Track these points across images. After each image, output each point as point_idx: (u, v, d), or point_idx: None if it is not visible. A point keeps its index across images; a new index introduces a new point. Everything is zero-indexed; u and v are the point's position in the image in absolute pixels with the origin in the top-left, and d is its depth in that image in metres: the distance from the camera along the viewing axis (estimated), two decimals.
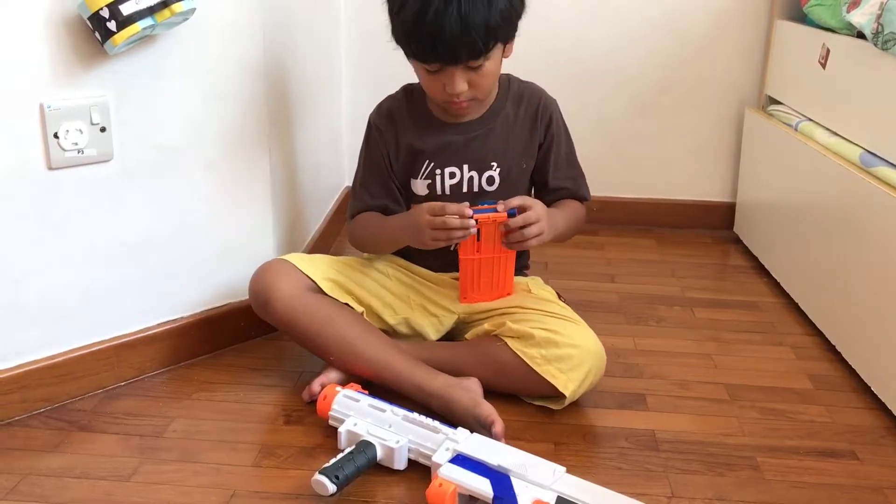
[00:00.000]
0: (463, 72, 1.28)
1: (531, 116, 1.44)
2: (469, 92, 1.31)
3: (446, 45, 1.23)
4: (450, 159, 1.41)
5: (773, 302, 1.81)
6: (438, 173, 1.41)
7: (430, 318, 1.43)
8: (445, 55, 1.25)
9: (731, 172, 2.25)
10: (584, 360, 1.29)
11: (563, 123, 1.48)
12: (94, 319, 1.35)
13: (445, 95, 1.31)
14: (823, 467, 1.21)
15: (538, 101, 1.44)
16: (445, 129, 1.41)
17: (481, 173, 1.41)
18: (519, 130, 1.43)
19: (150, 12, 1.18)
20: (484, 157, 1.41)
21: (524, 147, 1.44)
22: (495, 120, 1.42)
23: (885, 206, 1.39)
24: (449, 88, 1.29)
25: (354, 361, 1.32)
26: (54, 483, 1.14)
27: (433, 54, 1.26)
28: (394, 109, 1.44)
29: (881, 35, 1.45)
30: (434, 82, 1.31)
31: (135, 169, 1.34)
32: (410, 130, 1.42)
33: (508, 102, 1.43)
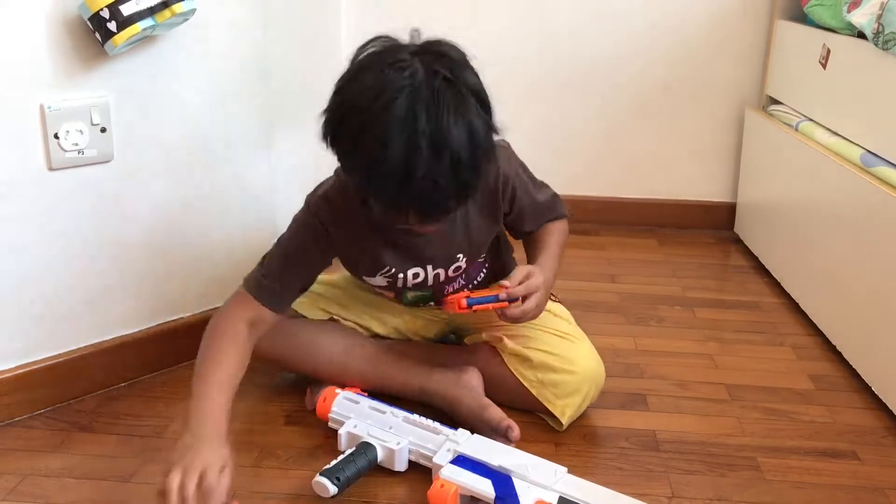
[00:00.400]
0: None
1: (491, 198, 1.25)
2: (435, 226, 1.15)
3: (438, 205, 1.04)
4: (413, 262, 1.26)
5: (773, 302, 1.81)
6: (401, 275, 1.27)
7: (420, 320, 1.40)
8: (436, 214, 1.07)
9: (731, 173, 2.25)
10: (581, 386, 1.27)
11: (523, 177, 1.29)
12: (94, 320, 1.35)
13: (401, 227, 1.13)
14: (824, 467, 1.21)
15: (496, 178, 1.23)
16: (401, 235, 1.21)
17: (447, 267, 1.28)
18: (480, 212, 1.25)
19: (150, 13, 1.19)
20: (449, 254, 1.27)
21: (489, 227, 1.29)
22: (455, 215, 1.19)
23: (885, 207, 1.38)
24: (417, 230, 1.14)
25: (349, 380, 1.30)
26: (55, 483, 1.14)
27: (422, 215, 1.06)
28: (343, 207, 1.19)
29: (882, 35, 1.44)
30: (387, 218, 1.11)
31: (135, 169, 1.34)
32: (363, 232, 1.21)
33: None
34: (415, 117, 0.98)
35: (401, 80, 1.00)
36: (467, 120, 1.00)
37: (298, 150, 1.74)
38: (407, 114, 0.98)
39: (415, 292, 1.31)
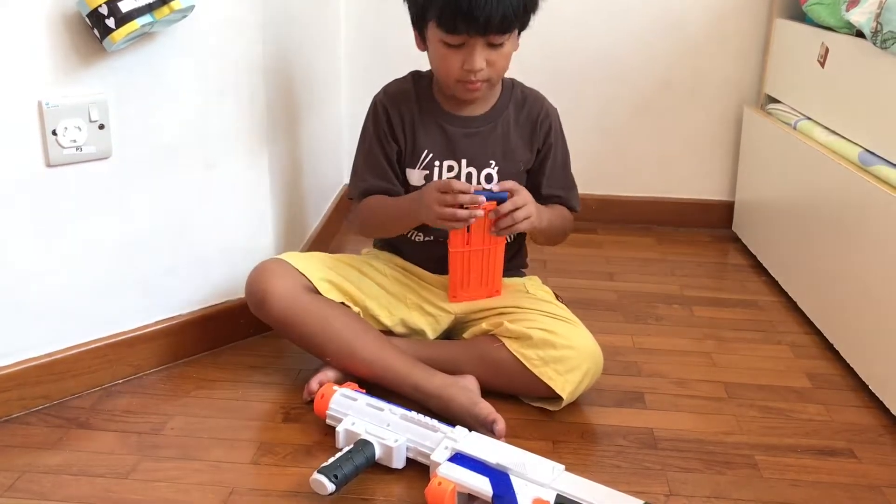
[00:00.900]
0: (484, 48, 1.28)
1: (532, 121, 1.44)
2: (485, 71, 1.30)
3: (483, 11, 1.22)
4: (449, 152, 1.40)
5: (771, 300, 1.81)
6: (437, 165, 1.40)
7: (426, 317, 1.43)
8: (478, 24, 1.24)
9: (729, 171, 2.25)
10: (582, 362, 1.29)
11: (561, 134, 1.48)
12: (92, 317, 1.35)
13: (461, 73, 1.30)
14: (821, 466, 1.22)
15: (540, 108, 1.45)
16: (448, 120, 1.41)
17: (480, 170, 1.41)
18: (519, 133, 1.43)
19: (148, 9, 1.18)
20: (483, 154, 1.41)
21: (523, 150, 1.43)
22: (497, 119, 1.42)
23: (883, 205, 1.39)
24: (468, 65, 1.29)
25: (351, 361, 1.32)
26: (53, 480, 1.14)
27: (465, 21, 1.24)
28: (400, 93, 1.43)
29: (880, 34, 1.45)
30: (452, 58, 1.30)
31: (134, 166, 1.34)
32: (414, 117, 1.41)
33: (511, 104, 1.43)
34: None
35: None
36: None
37: (298, 147, 1.74)
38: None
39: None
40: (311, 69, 1.87)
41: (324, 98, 2.01)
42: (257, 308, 1.34)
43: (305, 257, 1.40)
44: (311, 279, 1.34)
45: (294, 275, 1.34)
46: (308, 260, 1.39)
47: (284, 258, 1.37)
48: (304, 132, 1.80)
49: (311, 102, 1.86)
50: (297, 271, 1.35)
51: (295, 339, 1.35)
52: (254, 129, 1.47)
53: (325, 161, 2.05)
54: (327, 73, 2.07)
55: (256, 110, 1.47)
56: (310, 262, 1.38)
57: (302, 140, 1.77)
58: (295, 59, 1.70)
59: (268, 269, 1.35)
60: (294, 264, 1.35)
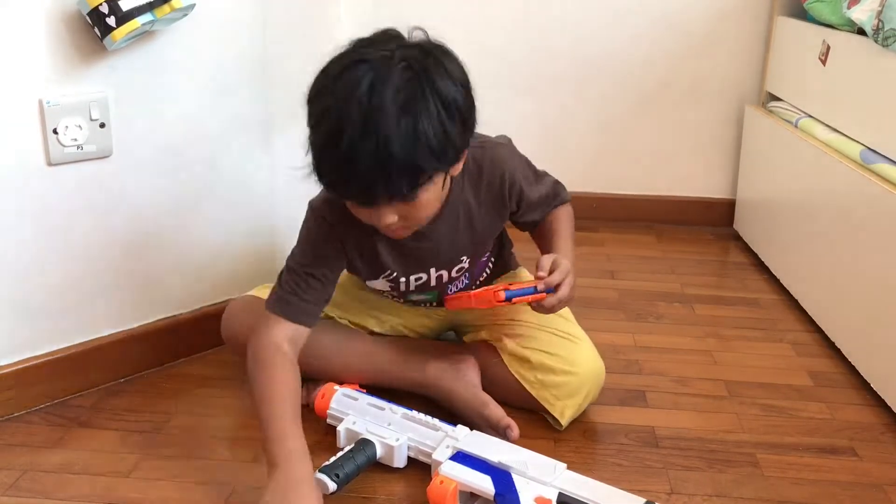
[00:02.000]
0: (389, 207, 1.04)
1: (495, 194, 1.22)
2: (401, 222, 1.07)
3: (359, 184, 0.99)
4: (416, 267, 1.24)
5: (772, 298, 1.81)
6: (403, 280, 1.26)
7: (420, 318, 1.40)
8: (360, 194, 1.02)
9: (731, 169, 2.25)
10: (581, 387, 1.26)
11: (527, 172, 1.27)
12: (93, 315, 1.35)
13: (374, 223, 1.08)
14: (823, 464, 1.22)
15: (501, 178, 1.21)
16: (405, 239, 1.17)
17: (451, 269, 1.27)
18: (485, 211, 1.23)
19: (149, 8, 1.18)
20: (452, 256, 1.25)
21: (492, 223, 1.26)
22: (457, 213, 1.20)
23: (885, 203, 1.38)
24: (375, 221, 1.07)
25: (344, 376, 1.29)
26: (54, 479, 1.14)
27: (345, 191, 1.04)
28: (342, 206, 1.13)
29: (882, 31, 1.44)
30: (362, 213, 1.08)
31: (134, 165, 1.34)
32: (368, 236, 1.18)
33: (466, 188, 1.20)
34: (357, 85, 0.97)
35: (371, 55, 1.00)
36: (414, 113, 0.97)
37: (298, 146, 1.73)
38: (352, 81, 0.97)
39: (418, 295, 1.31)
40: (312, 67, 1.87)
41: None
42: (235, 350, 1.29)
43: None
44: None
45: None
46: None
47: (254, 293, 1.31)
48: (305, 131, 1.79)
49: None
50: None
51: None
52: (254, 127, 1.47)
53: None
54: None
55: (257, 109, 1.47)
56: None
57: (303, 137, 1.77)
58: (295, 58, 1.70)
59: (236, 311, 1.30)
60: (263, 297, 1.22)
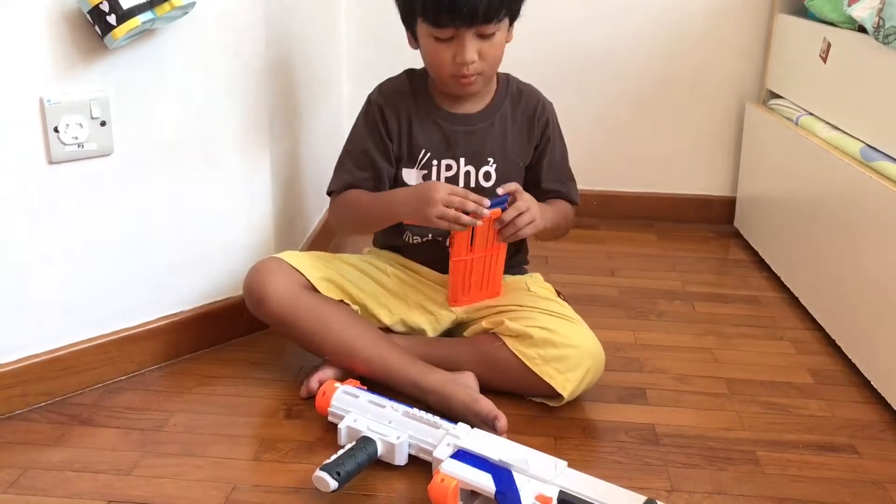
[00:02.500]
0: (474, 39, 1.27)
1: (528, 116, 1.43)
2: (478, 64, 1.29)
3: (467, 2, 1.22)
4: (447, 151, 1.39)
5: (773, 296, 1.81)
6: (435, 164, 1.39)
7: (427, 315, 1.42)
8: (462, 15, 1.23)
9: (731, 167, 2.25)
10: (583, 361, 1.29)
11: (558, 128, 1.47)
12: (94, 313, 1.35)
13: (454, 67, 1.30)
14: (823, 461, 1.22)
15: (536, 103, 1.44)
16: (445, 118, 1.40)
17: (478, 168, 1.40)
18: (517, 129, 1.42)
19: (150, 6, 1.18)
20: (481, 151, 1.40)
21: (521, 145, 1.43)
22: (494, 116, 1.41)
23: (885, 201, 1.38)
24: (459, 57, 1.28)
25: (350, 359, 1.32)
26: (55, 477, 1.14)
27: (450, 13, 1.24)
28: (396, 91, 1.42)
29: (882, 29, 1.44)
30: (443, 52, 1.29)
31: (135, 163, 1.34)
32: (410, 115, 1.40)
33: (507, 100, 1.42)
34: None
35: None
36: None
37: (299, 145, 1.74)
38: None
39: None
40: (313, 66, 1.87)
41: (325, 95, 2.01)
42: (255, 307, 1.34)
43: (304, 256, 1.39)
44: (309, 278, 1.34)
45: (292, 273, 1.33)
46: (306, 259, 1.38)
47: (282, 257, 1.36)
48: (306, 129, 1.79)
49: (313, 100, 1.86)
50: (296, 270, 1.34)
51: (293, 337, 1.35)
52: (255, 126, 1.47)
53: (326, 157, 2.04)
54: (328, 70, 2.07)
55: (258, 107, 1.47)
56: (308, 261, 1.37)
57: (303, 137, 1.77)
58: (296, 56, 1.70)
59: (265, 268, 1.34)
60: (292, 263, 1.34)
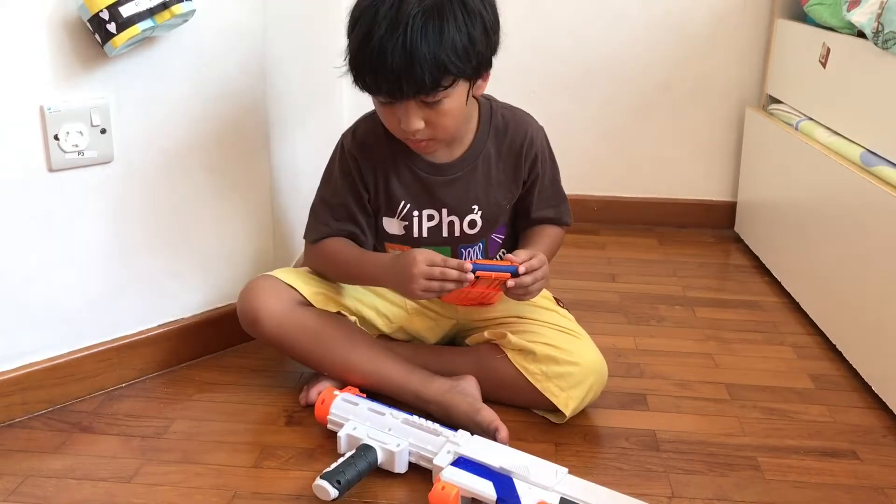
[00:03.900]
0: (418, 107, 1.16)
1: (515, 154, 1.33)
2: (426, 131, 1.19)
3: (388, 76, 1.12)
4: (428, 202, 1.31)
5: (774, 301, 1.81)
6: (416, 215, 1.32)
7: (427, 322, 1.41)
8: (389, 87, 1.14)
9: (731, 172, 2.25)
10: (585, 378, 1.27)
11: (549, 153, 1.38)
12: (95, 321, 1.35)
13: (401, 132, 1.21)
14: (824, 467, 1.22)
15: (523, 137, 1.33)
16: (424, 168, 1.30)
17: (462, 218, 1.32)
18: (502, 168, 1.33)
19: (149, 14, 1.18)
20: (465, 201, 1.31)
21: (507, 187, 1.34)
22: (477, 159, 1.31)
23: (885, 206, 1.38)
24: (403, 125, 1.18)
25: (348, 375, 1.30)
26: (55, 484, 1.14)
27: (375, 85, 1.15)
28: (370, 139, 1.31)
29: (881, 34, 1.44)
30: (389, 115, 1.21)
31: (135, 171, 1.34)
32: (387, 166, 1.30)
33: (490, 139, 1.32)
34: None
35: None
36: (440, 18, 1.11)
37: (298, 151, 1.74)
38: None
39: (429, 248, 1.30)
40: (312, 72, 1.87)
41: (325, 101, 2.01)
42: (249, 328, 1.31)
43: (296, 272, 1.35)
44: (303, 293, 1.31)
45: (285, 291, 1.30)
46: (300, 274, 1.35)
47: (274, 274, 1.34)
48: (306, 134, 1.80)
49: (312, 106, 1.86)
50: (289, 287, 1.31)
51: (290, 355, 1.33)
52: (254, 133, 1.48)
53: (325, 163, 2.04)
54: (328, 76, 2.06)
55: (257, 115, 1.47)
56: (301, 276, 1.34)
57: (303, 142, 1.77)
58: (296, 63, 1.70)
59: (256, 286, 1.31)
60: (285, 280, 1.32)
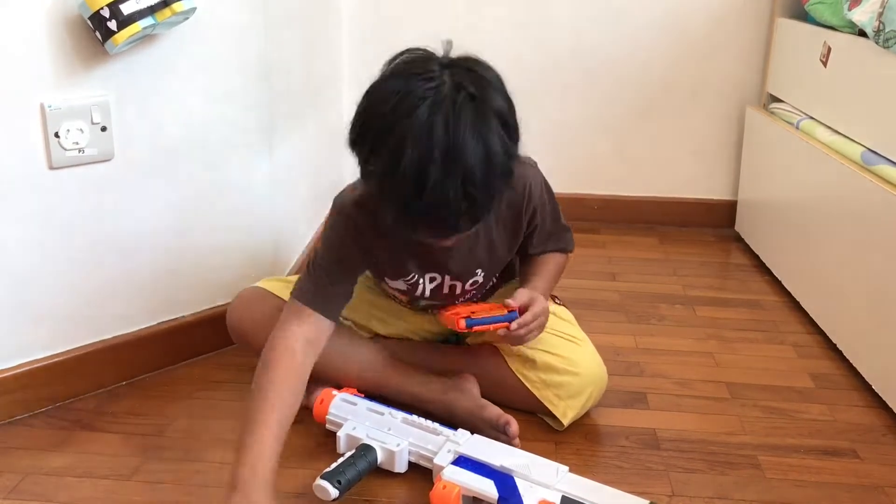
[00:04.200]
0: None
1: (515, 212, 1.26)
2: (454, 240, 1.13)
3: (449, 220, 1.01)
4: (431, 268, 1.26)
5: (774, 300, 1.81)
6: (420, 282, 1.27)
7: (425, 324, 1.39)
8: (447, 230, 1.05)
9: (732, 171, 2.25)
10: (584, 388, 1.27)
11: (547, 199, 1.31)
12: (95, 318, 1.35)
13: (429, 242, 1.14)
14: (824, 466, 1.22)
15: (522, 192, 1.24)
16: (420, 244, 1.19)
17: (465, 281, 1.29)
18: (503, 227, 1.27)
19: (150, 11, 1.18)
20: (469, 266, 1.27)
21: (508, 243, 1.29)
22: (477, 231, 1.20)
23: (886, 205, 1.38)
24: (437, 243, 1.13)
25: (344, 381, 1.29)
26: (56, 482, 1.14)
27: (431, 232, 1.06)
28: (369, 205, 1.16)
29: (882, 33, 1.44)
30: (401, 230, 1.08)
31: (136, 168, 1.34)
32: (392, 239, 1.19)
33: None
34: (432, 128, 0.96)
35: (425, 89, 0.98)
36: (485, 138, 0.98)
37: (299, 150, 1.74)
38: (425, 123, 0.96)
39: (428, 301, 1.31)
40: (313, 70, 1.87)
41: (325, 99, 2.01)
42: (240, 341, 1.30)
43: (286, 282, 1.33)
44: None
45: (273, 301, 1.29)
46: (288, 285, 1.29)
47: (262, 285, 1.32)
48: (306, 133, 1.80)
49: (313, 103, 1.86)
50: (276, 297, 1.29)
51: None
52: (255, 131, 1.48)
53: (326, 162, 2.05)
54: (329, 73, 2.07)
55: (258, 112, 1.47)
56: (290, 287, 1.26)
57: (303, 141, 1.77)
58: (296, 61, 1.70)
59: (244, 299, 1.31)
60: (272, 290, 1.30)
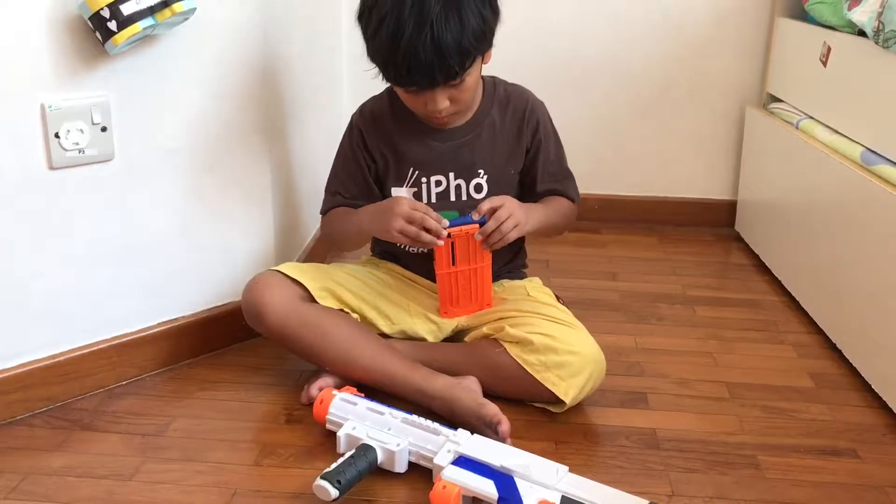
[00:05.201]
0: (443, 90, 1.27)
1: (517, 121, 1.42)
2: (451, 107, 1.30)
3: (422, 71, 1.22)
4: (435, 167, 1.39)
5: (774, 300, 1.81)
6: (424, 181, 1.39)
7: (429, 325, 1.41)
8: (422, 81, 1.24)
9: (732, 170, 2.25)
10: (584, 367, 1.28)
11: (551, 127, 1.46)
12: (95, 319, 1.35)
13: (426, 111, 1.32)
14: (824, 466, 1.22)
15: (525, 106, 1.42)
16: (430, 135, 1.39)
17: (468, 181, 1.40)
18: (505, 136, 1.41)
19: (150, 12, 1.18)
20: (471, 164, 1.39)
21: (511, 152, 1.42)
22: (481, 126, 1.40)
23: (886, 204, 1.38)
24: (430, 107, 1.29)
25: (351, 370, 1.31)
26: (56, 482, 1.14)
27: (409, 80, 1.25)
28: (377, 112, 1.43)
29: (882, 33, 1.44)
30: (414, 100, 1.31)
31: (136, 169, 1.34)
32: (394, 135, 1.40)
33: (494, 107, 1.41)
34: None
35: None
36: (458, 7, 1.20)
37: (299, 150, 1.74)
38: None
39: (440, 212, 1.33)
40: (313, 70, 1.87)
41: (326, 99, 2.01)
42: (254, 321, 1.33)
43: (301, 267, 1.38)
44: (308, 288, 1.33)
45: (290, 286, 1.33)
46: (305, 270, 1.37)
47: (280, 269, 1.36)
48: (306, 134, 1.80)
49: (313, 104, 1.86)
50: (294, 282, 1.33)
51: (294, 350, 1.34)
52: (255, 131, 1.48)
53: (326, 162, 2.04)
54: (329, 74, 2.07)
55: (258, 113, 1.47)
56: (306, 272, 1.36)
57: (303, 142, 1.77)
58: (296, 61, 1.70)
59: (262, 281, 1.33)
60: (290, 274, 1.34)
